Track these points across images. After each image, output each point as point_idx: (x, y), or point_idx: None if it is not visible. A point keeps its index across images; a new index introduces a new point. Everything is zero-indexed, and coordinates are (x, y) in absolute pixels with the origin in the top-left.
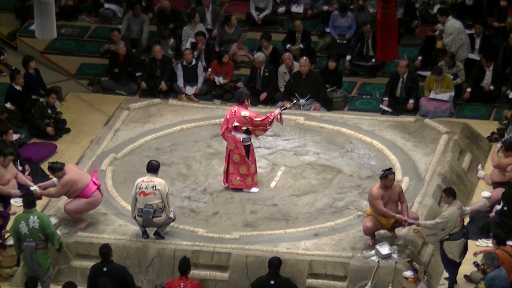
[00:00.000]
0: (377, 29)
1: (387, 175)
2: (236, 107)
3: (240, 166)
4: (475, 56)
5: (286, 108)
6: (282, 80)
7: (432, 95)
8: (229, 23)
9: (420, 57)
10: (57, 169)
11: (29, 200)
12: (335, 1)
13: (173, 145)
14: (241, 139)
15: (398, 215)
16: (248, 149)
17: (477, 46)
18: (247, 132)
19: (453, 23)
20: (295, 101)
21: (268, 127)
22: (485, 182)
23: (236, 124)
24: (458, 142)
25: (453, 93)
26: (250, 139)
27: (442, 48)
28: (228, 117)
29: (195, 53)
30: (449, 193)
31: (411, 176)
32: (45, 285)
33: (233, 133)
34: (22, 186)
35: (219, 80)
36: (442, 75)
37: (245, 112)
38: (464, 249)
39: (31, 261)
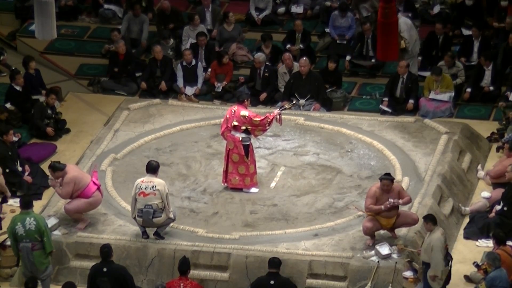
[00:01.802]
0: (377, 29)
1: (382, 179)
2: (236, 106)
3: (239, 166)
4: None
5: (285, 109)
6: (282, 80)
7: (432, 95)
8: (227, 20)
9: (419, 58)
10: (58, 168)
11: (26, 201)
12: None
13: (173, 145)
14: (240, 139)
15: (383, 206)
16: (247, 148)
17: (475, 49)
18: (247, 131)
19: (404, 20)
20: (294, 102)
21: (267, 127)
22: (485, 182)
23: (236, 123)
24: (458, 142)
25: (453, 94)
26: (250, 139)
27: (404, 47)
28: (227, 116)
29: (200, 51)
30: (429, 220)
31: (411, 176)
32: (45, 284)
33: (232, 132)
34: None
35: (218, 88)
36: (441, 75)
37: (244, 112)
38: (447, 278)
39: (28, 262)
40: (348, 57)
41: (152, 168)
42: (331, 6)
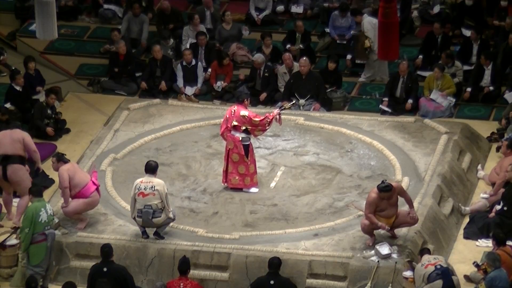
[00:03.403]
0: (378, 29)
1: (380, 191)
2: (235, 106)
3: (239, 166)
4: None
5: (285, 109)
6: (282, 80)
7: (433, 95)
8: (223, 19)
9: (420, 56)
10: (62, 160)
11: (38, 189)
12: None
13: (173, 145)
14: (240, 139)
15: (379, 223)
16: (247, 148)
17: (474, 52)
18: (246, 131)
19: (369, 20)
20: (294, 101)
21: (267, 127)
22: (484, 182)
23: (235, 123)
24: (458, 142)
25: (453, 101)
26: (249, 139)
27: (369, 46)
28: (227, 116)
29: (200, 51)
30: (419, 251)
31: (411, 176)
32: (47, 280)
33: (232, 132)
34: None
35: (218, 87)
36: (443, 72)
37: (244, 112)
38: None
39: (51, 249)
40: (349, 56)
41: (151, 168)
42: (329, 7)
